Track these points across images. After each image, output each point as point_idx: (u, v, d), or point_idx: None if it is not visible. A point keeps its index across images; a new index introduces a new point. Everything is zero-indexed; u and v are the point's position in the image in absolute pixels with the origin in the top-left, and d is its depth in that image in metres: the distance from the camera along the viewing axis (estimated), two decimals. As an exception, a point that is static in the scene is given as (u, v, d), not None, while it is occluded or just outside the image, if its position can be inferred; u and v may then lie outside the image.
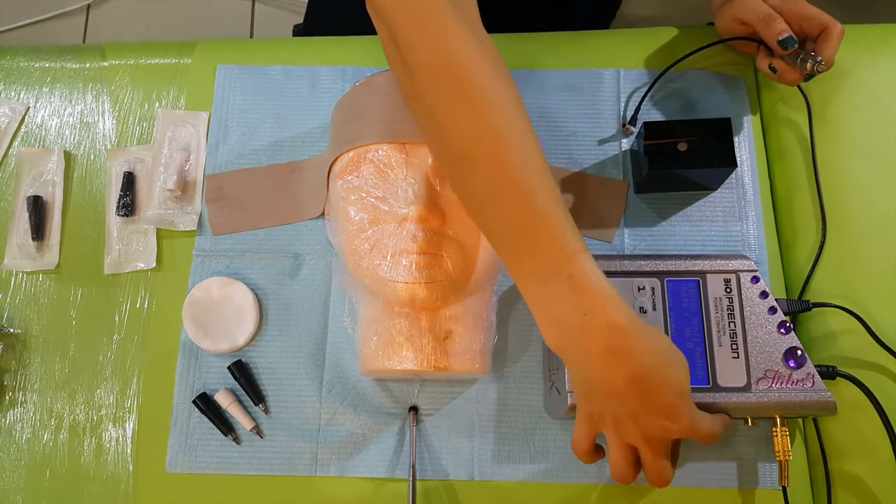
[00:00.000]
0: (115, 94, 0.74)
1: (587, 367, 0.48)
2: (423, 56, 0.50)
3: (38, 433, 0.64)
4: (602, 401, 0.49)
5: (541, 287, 0.48)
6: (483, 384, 0.63)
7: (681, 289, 0.59)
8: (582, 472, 0.60)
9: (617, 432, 0.49)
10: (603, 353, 0.46)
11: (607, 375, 0.47)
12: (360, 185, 0.59)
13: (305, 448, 0.62)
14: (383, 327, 0.57)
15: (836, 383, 0.60)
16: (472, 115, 0.49)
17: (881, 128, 0.69)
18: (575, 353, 0.48)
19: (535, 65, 0.73)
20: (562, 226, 0.47)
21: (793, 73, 0.65)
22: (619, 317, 0.46)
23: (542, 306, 0.48)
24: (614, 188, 0.68)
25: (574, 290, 0.46)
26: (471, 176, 0.50)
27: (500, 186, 0.48)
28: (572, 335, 0.47)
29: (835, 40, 0.63)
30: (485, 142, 0.48)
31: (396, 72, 0.55)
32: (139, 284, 0.67)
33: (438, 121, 0.50)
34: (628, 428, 0.49)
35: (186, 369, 0.64)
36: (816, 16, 0.63)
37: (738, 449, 0.60)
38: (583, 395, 0.50)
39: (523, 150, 0.48)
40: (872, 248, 0.65)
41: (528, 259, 0.48)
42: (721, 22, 0.70)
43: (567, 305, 0.47)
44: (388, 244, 0.56)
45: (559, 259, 0.47)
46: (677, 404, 0.47)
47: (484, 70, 0.49)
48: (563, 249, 0.47)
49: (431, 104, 0.50)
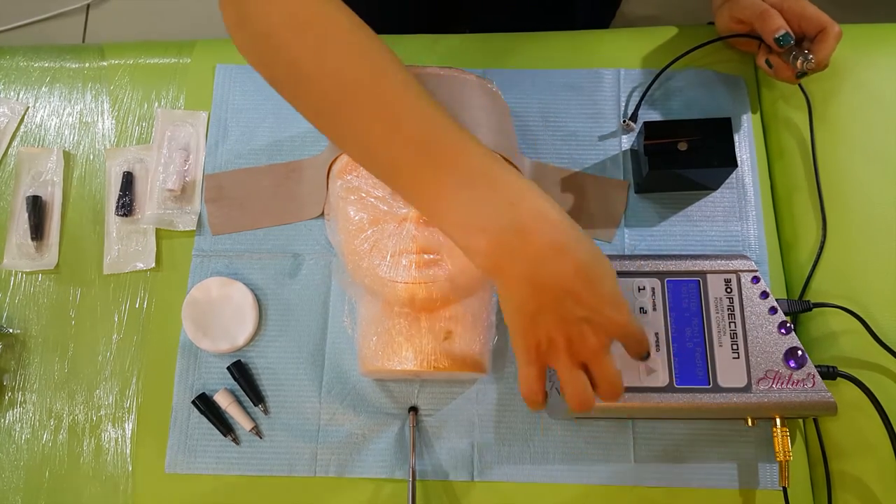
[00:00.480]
0: (115, 93, 0.74)
1: (531, 271, 0.44)
2: (275, 18, 0.48)
3: (37, 433, 0.64)
4: (549, 315, 0.45)
5: (458, 197, 0.45)
6: (483, 384, 0.63)
7: (681, 289, 0.59)
8: (582, 472, 0.60)
9: (569, 350, 0.46)
10: (546, 248, 0.44)
11: (555, 272, 0.44)
12: (360, 184, 0.58)
13: (305, 448, 0.62)
14: (383, 327, 0.57)
15: (837, 383, 0.60)
16: (343, 55, 0.47)
17: (882, 127, 0.69)
18: (512, 260, 0.44)
19: (535, 65, 0.73)
20: (463, 134, 0.46)
21: (788, 69, 0.65)
22: (546, 205, 0.44)
23: (463, 217, 0.45)
24: (614, 188, 0.68)
25: (494, 185, 0.44)
26: (357, 115, 0.47)
27: (392, 114, 0.46)
28: (506, 237, 0.44)
29: (831, 41, 0.63)
30: (364, 74, 0.47)
31: (245, 47, 0.52)
32: (138, 284, 0.67)
33: (305, 70, 0.48)
34: (582, 336, 0.45)
35: (186, 369, 0.64)
36: (815, 16, 0.63)
37: (738, 449, 0.60)
38: (526, 319, 0.46)
39: (404, 74, 0.47)
40: (873, 248, 0.65)
41: (440, 175, 0.45)
42: (720, 21, 0.71)
43: (491, 203, 0.44)
44: (388, 244, 0.56)
45: (472, 164, 0.45)
46: (618, 291, 0.46)
47: (344, 15, 0.49)
48: (474, 155, 0.45)
49: (296, 56, 0.48)
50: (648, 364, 0.56)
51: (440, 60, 0.62)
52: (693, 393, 0.55)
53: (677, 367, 0.56)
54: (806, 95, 0.69)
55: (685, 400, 0.55)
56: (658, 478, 0.60)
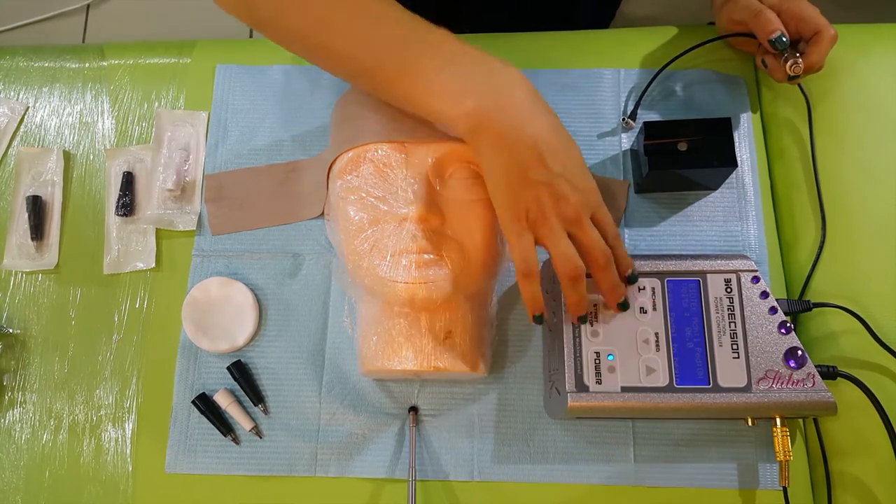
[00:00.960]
0: (115, 93, 0.74)
1: (511, 126, 0.50)
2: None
3: (37, 433, 0.64)
4: (531, 174, 0.50)
5: (443, 73, 0.51)
6: (483, 384, 0.63)
7: (681, 289, 0.59)
8: (582, 472, 0.60)
9: (556, 210, 0.51)
10: (524, 106, 0.51)
11: (533, 128, 0.50)
12: (360, 184, 0.58)
13: (305, 448, 0.62)
14: (383, 327, 0.57)
15: (837, 383, 0.60)
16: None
17: (882, 127, 0.69)
18: (496, 117, 0.50)
19: (535, 65, 0.73)
20: (440, 29, 0.53)
21: (783, 70, 0.65)
22: (518, 74, 0.52)
23: (450, 87, 0.51)
24: (614, 188, 0.68)
25: (475, 61, 0.52)
26: (344, 24, 0.53)
27: (375, 17, 0.52)
28: (489, 98, 0.50)
29: (825, 44, 0.63)
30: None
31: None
32: (138, 284, 0.67)
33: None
34: (565, 195, 0.50)
35: (186, 369, 0.64)
36: (812, 18, 0.64)
37: (738, 449, 0.60)
38: (512, 184, 0.51)
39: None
40: (872, 248, 0.65)
41: (425, 59, 0.52)
42: (720, 21, 0.71)
43: (474, 73, 0.51)
44: (388, 244, 0.56)
45: (454, 48, 0.52)
46: (583, 160, 0.53)
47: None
48: (453, 42, 0.52)
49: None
50: (648, 364, 0.56)
51: (440, 60, 0.62)
52: (693, 393, 0.55)
53: (677, 366, 0.56)
54: (805, 95, 0.69)
55: (685, 400, 0.55)
56: (658, 478, 0.60)
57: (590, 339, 0.57)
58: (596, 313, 0.57)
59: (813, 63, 0.63)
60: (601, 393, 0.55)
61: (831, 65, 0.67)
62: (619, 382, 0.56)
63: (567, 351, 0.57)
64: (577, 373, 0.56)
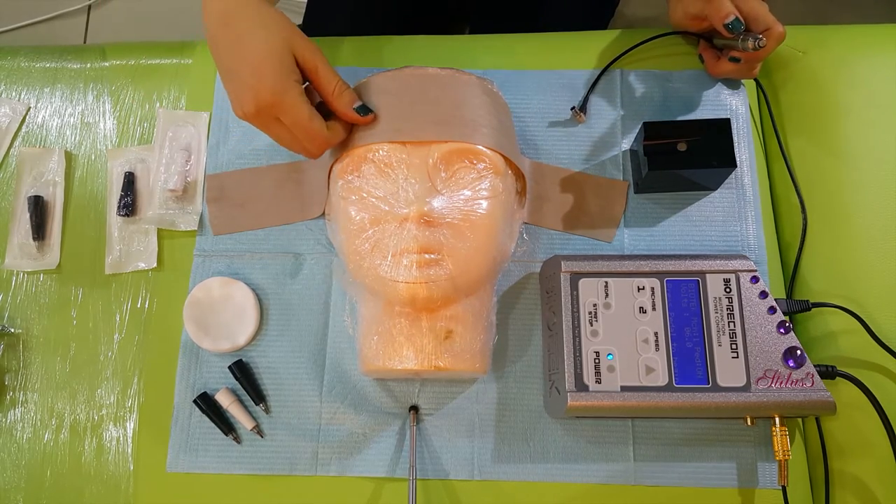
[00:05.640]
0: (116, 94, 0.74)
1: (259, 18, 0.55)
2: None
3: (38, 433, 0.64)
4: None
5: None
6: (483, 384, 0.63)
7: (680, 289, 0.59)
8: (582, 471, 0.61)
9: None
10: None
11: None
12: (361, 184, 0.59)
13: (306, 448, 0.62)
14: (384, 327, 0.58)
15: (836, 383, 0.60)
16: None
17: (881, 127, 0.69)
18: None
19: (534, 65, 0.73)
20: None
21: (718, 65, 0.68)
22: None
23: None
24: (614, 188, 0.68)
25: None
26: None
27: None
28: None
29: (772, 41, 0.64)
30: None
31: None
32: (140, 284, 0.67)
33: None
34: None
35: (187, 369, 0.64)
36: (762, 16, 0.64)
37: (737, 448, 0.61)
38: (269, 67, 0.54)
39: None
40: (872, 248, 0.65)
41: None
42: (675, 18, 0.71)
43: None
44: (389, 244, 0.56)
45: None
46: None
47: None
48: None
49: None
50: (648, 363, 0.56)
51: (440, 61, 0.62)
52: (692, 392, 0.56)
53: (676, 366, 0.56)
54: (763, 92, 0.70)
55: (684, 399, 0.55)
56: (657, 477, 0.60)
57: (589, 338, 0.57)
58: (596, 313, 0.58)
59: (760, 57, 0.66)
60: (601, 392, 0.56)
61: (831, 65, 0.67)
62: (618, 382, 0.56)
63: (567, 350, 0.57)
64: (577, 372, 0.56)
